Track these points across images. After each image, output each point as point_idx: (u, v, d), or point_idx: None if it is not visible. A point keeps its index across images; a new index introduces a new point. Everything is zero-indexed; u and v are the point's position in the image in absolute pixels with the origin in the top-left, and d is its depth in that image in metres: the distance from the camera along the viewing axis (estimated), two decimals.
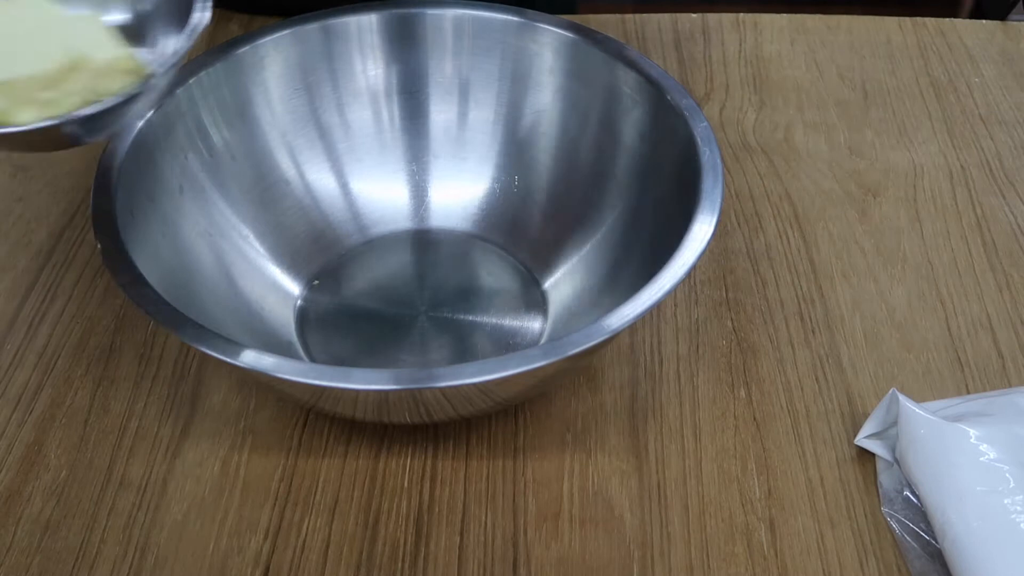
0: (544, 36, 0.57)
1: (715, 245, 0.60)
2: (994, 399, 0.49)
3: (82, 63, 0.41)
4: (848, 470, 0.49)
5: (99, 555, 0.46)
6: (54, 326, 0.55)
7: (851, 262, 0.59)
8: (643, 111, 0.54)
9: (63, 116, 0.40)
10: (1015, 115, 0.70)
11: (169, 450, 0.50)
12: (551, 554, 0.46)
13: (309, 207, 0.59)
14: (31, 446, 0.50)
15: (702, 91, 0.72)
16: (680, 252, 0.45)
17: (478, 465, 0.49)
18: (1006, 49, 0.76)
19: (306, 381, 0.41)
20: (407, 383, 0.40)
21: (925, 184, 0.65)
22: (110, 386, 0.53)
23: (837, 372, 0.53)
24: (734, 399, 0.52)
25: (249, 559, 0.46)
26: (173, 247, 0.51)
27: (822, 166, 0.66)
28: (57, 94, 0.41)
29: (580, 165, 0.58)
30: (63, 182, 0.64)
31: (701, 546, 0.46)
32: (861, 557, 0.46)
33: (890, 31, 0.77)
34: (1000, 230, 0.62)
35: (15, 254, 0.60)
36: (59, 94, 0.41)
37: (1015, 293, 0.58)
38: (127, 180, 0.48)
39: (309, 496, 0.48)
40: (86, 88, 0.41)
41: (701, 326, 0.56)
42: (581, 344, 0.41)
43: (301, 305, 0.56)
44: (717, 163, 0.49)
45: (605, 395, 0.52)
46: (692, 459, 0.50)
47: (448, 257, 0.59)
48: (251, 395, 0.52)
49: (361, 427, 0.51)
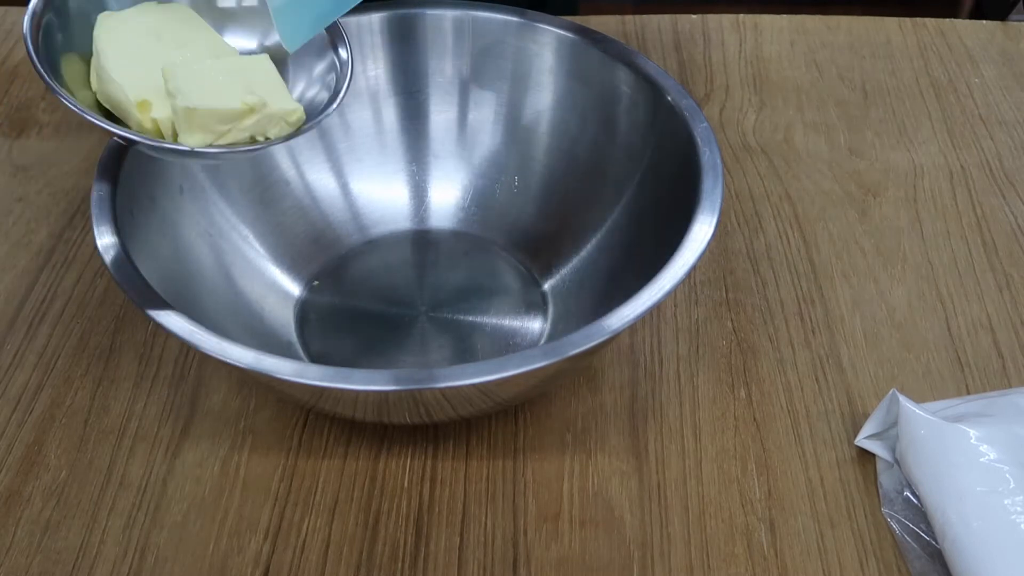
0: (544, 36, 0.57)
1: (715, 246, 0.60)
2: (994, 399, 0.49)
3: (260, 108, 0.46)
4: (848, 470, 0.49)
5: (99, 555, 0.46)
6: (54, 326, 0.55)
7: (851, 262, 0.59)
8: (643, 112, 0.54)
9: (229, 148, 0.46)
10: (1015, 115, 0.70)
11: (169, 450, 0.50)
12: (551, 555, 0.46)
13: (309, 207, 0.59)
14: (31, 446, 0.50)
15: (702, 92, 0.72)
16: (680, 253, 0.45)
17: (478, 465, 0.49)
18: (1006, 49, 0.76)
19: (306, 382, 0.41)
20: (407, 384, 0.40)
21: (925, 184, 0.65)
22: (110, 386, 0.53)
23: (837, 372, 0.53)
24: (734, 399, 0.52)
25: (249, 559, 0.46)
26: (173, 247, 0.51)
27: (822, 166, 0.66)
28: (230, 128, 0.45)
29: (580, 166, 0.58)
30: (63, 182, 0.64)
31: (701, 546, 0.46)
32: (861, 557, 0.46)
33: (890, 31, 0.77)
34: (1000, 230, 0.62)
35: (15, 254, 0.60)
36: (232, 128, 0.45)
37: (1015, 293, 0.58)
38: (127, 180, 0.48)
39: (309, 496, 0.48)
40: (253, 128, 0.46)
41: (701, 326, 0.56)
42: (581, 345, 0.41)
43: (301, 305, 0.56)
44: (717, 163, 0.49)
45: (605, 395, 0.52)
46: (692, 459, 0.50)
47: (448, 257, 0.59)
48: (251, 395, 0.52)
49: (361, 427, 0.51)
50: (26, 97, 0.71)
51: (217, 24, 0.50)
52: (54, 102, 0.70)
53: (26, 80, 0.72)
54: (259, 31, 0.51)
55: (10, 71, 0.73)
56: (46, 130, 0.68)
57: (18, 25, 0.77)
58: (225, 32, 0.51)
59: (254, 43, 0.51)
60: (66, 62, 0.47)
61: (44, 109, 0.70)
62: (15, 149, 0.67)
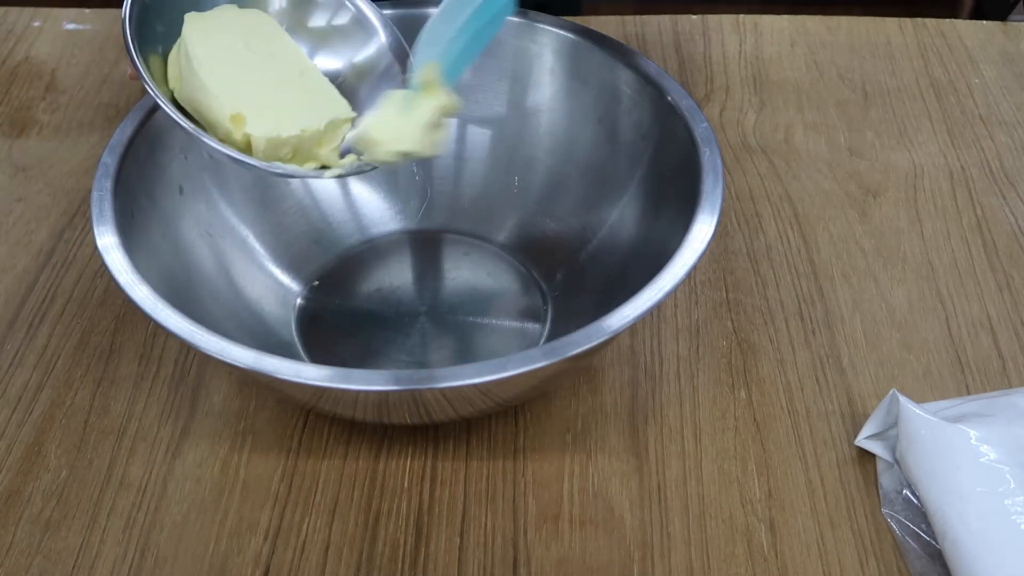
0: (545, 36, 0.57)
1: (715, 246, 0.60)
2: (994, 400, 0.49)
3: (336, 124, 0.48)
4: (848, 471, 0.49)
5: (99, 555, 0.46)
6: (54, 326, 0.55)
7: (851, 263, 0.59)
8: (643, 112, 0.54)
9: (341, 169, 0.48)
10: (1015, 115, 0.70)
11: (169, 451, 0.50)
12: (551, 555, 0.46)
13: (309, 207, 0.59)
14: (31, 446, 0.50)
15: (702, 92, 0.72)
16: (680, 253, 0.45)
17: (478, 466, 0.49)
18: (1006, 50, 0.76)
19: (306, 382, 0.40)
20: (407, 384, 0.40)
21: (925, 184, 0.65)
22: (110, 386, 0.53)
23: (837, 373, 0.53)
24: (734, 400, 0.52)
25: (249, 559, 0.46)
26: (173, 247, 0.51)
27: (822, 167, 0.66)
28: (330, 151, 0.48)
29: (580, 165, 0.58)
30: (63, 182, 0.64)
31: (701, 547, 0.46)
32: (861, 558, 0.46)
33: (890, 32, 0.77)
34: (1000, 230, 0.62)
35: (15, 254, 0.60)
36: (331, 151, 0.48)
37: (1015, 294, 0.58)
38: (127, 180, 0.48)
39: (309, 497, 0.48)
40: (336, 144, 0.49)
41: (701, 327, 0.56)
42: (581, 345, 0.41)
43: (301, 305, 0.56)
44: (717, 164, 0.49)
45: (605, 396, 0.52)
46: (692, 460, 0.50)
47: (448, 257, 0.59)
48: (251, 396, 0.52)
49: (361, 428, 0.51)
50: (26, 97, 0.71)
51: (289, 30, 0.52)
52: (54, 102, 0.70)
53: (26, 80, 0.72)
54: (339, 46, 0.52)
55: (10, 71, 0.73)
56: (46, 130, 0.68)
57: (18, 25, 0.77)
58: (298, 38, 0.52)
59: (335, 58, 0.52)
60: (149, 56, 0.47)
61: (44, 109, 0.70)
62: (15, 149, 0.67)
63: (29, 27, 0.77)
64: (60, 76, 0.73)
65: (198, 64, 0.46)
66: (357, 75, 0.52)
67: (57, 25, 0.77)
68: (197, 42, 0.47)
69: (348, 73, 0.52)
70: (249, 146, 0.46)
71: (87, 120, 0.69)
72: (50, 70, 0.73)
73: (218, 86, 0.46)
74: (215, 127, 0.46)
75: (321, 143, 0.48)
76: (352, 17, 0.52)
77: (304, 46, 0.51)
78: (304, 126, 0.47)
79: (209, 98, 0.46)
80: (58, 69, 0.73)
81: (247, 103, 0.46)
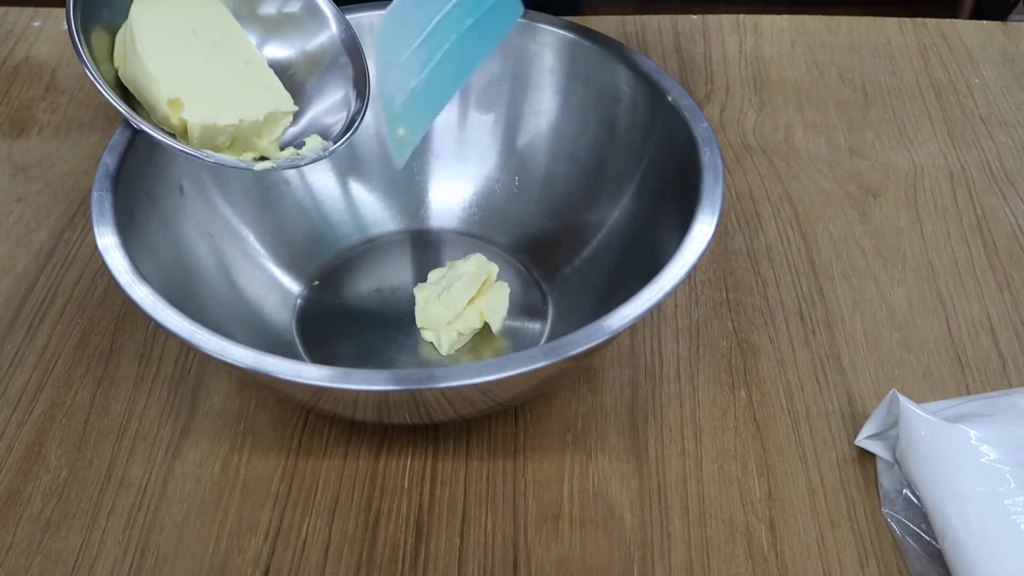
0: (544, 36, 0.57)
1: (715, 246, 0.60)
2: (995, 400, 0.49)
3: (277, 116, 0.49)
4: (848, 471, 0.49)
5: (99, 555, 0.46)
6: (54, 326, 0.55)
7: (851, 262, 0.59)
8: (643, 112, 0.54)
9: (274, 162, 0.49)
10: (1015, 116, 0.70)
11: (169, 451, 0.50)
12: (551, 555, 0.46)
13: (309, 207, 0.59)
14: (31, 446, 0.50)
15: (702, 92, 0.72)
16: (680, 253, 0.45)
17: (478, 466, 0.49)
18: (1006, 50, 0.76)
19: (306, 382, 0.40)
20: (407, 384, 0.40)
21: (925, 185, 0.65)
22: (110, 386, 0.53)
23: (837, 373, 0.53)
24: (734, 400, 0.52)
25: (249, 560, 0.46)
26: (173, 247, 0.51)
27: (822, 167, 0.66)
28: (269, 143, 0.49)
29: (580, 165, 0.58)
30: (63, 182, 0.64)
31: (701, 547, 0.46)
32: (861, 558, 0.46)
33: (890, 32, 0.77)
34: (1000, 230, 0.62)
35: (15, 254, 0.60)
36: (270, 144, 0.49)
37: (1015, 294, 0.58)
38: (127, 180, 0.48)
39: (309, 497, 0.48)
40: (276, 137, 0.49)
41: (701, 327, 0.56)
42: (581, 344, 0.41)
43: (301, 305, 0.56)
44: (717, 164, 0.49)
45: (605, 396, 0.52)
46: (692, 460, 0.50)
47: (448, 258, 0.59)
48: (251, 396, 0.52)
49: (361, 428, 0.51)
50: (26, 97, 0.71)
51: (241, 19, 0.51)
52: (54, 102, 0.70)
53: (26, 80, 0.72)
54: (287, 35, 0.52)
55: (10, 71, 0.73)
56: (46, 130, 0.68)
57: (18, 25, 0.77)
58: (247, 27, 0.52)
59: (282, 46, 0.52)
60: (95, 32, 0.47)
61: (44, 109, 0.70)
62: (15, 149, 0.67)
63: (29, 27, 0.77)
64: (60, 76, 0.73)
65: (141, 46, 0.46)
66: (308, 66, 0.52)
67: (57, 25, 0.77)
68: (143, 24, 0.47)
69: (299, 63, 0.52)
70: (186, 132, 0.46)
71: (87, 120, 0.69)
72: (50, 70, 0.73)
73: (159, 69, 0.46)
74: (154, 110, 0.46)
75: (260, 134, 0.48)
76: (304, 5, 0.52)
77: (255, 35, 0.51)
78: (243, 116, 0.47)
79: (149, 80, 0.46)
80: (58, 69, 0.73)
81: (186, 88, 0.46)
